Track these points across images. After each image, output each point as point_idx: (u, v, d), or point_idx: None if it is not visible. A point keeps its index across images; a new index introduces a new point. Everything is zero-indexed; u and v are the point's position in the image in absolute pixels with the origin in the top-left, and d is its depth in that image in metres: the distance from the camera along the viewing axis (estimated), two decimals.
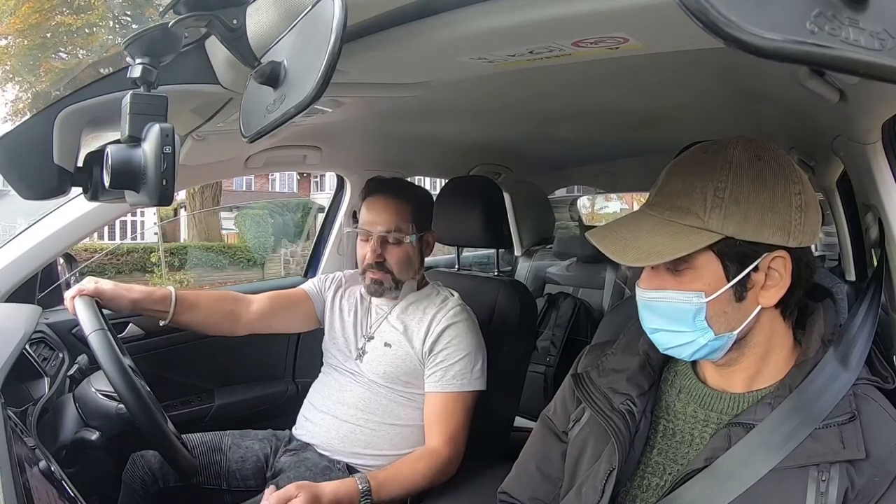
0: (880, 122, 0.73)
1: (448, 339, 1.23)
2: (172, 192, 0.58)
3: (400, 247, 1.26)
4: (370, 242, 1.25)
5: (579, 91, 1.07)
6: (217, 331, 1.30)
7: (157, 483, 1.18)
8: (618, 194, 8.58)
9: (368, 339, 1.30)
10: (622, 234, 0.66)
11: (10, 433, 0.67)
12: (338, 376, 1.31)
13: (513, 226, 2.31)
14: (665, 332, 0.67)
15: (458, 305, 1.28)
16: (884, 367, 0.67)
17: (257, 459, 1.28)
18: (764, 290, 0.64)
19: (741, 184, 0.62)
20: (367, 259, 1.26)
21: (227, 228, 10.20)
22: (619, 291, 2.25)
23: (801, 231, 0.63)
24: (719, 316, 0.64)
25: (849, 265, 1.23)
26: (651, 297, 0.67)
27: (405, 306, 1.30)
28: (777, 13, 0.29)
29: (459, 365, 1.22)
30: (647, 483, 0.70)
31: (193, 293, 1.29)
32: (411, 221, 1.27)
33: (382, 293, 1.28)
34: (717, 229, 0.62)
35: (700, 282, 0.64)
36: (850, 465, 0.60)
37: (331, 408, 1.27)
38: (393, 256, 1.26)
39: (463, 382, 1.21)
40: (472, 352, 1.23)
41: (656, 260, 0.63)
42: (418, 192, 1.33)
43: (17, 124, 0.77)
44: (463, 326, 1.24)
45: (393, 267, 1.26)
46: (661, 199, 0.67)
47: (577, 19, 0.51)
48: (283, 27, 0.56)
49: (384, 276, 1.26)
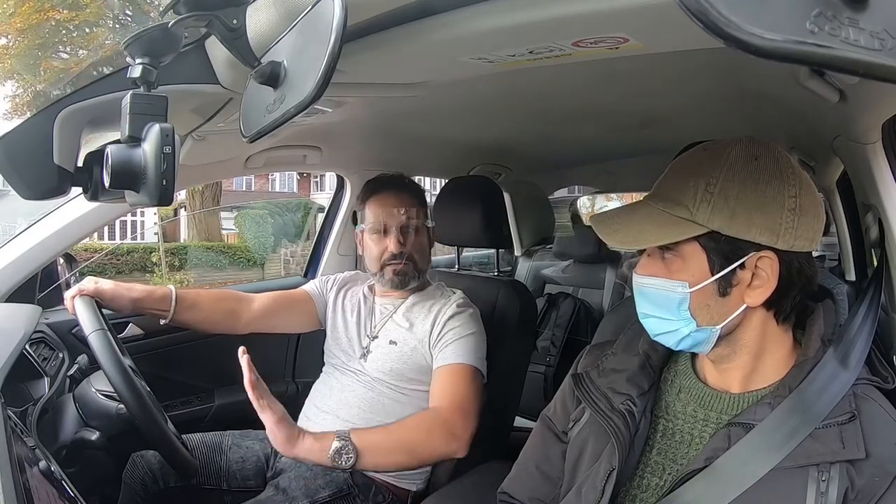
0: (880, 122, 0.73)
1: (455, 323, 1.24)
2: (172, 192, 0.58)
3: (419, 234, 1.30)
4: (389, 235, 1.28)
5: (579, 91, 1.07)
6: (218, 329, 1.30)
7: (157, 483, 1.18)
8: (618, 194, 8.56)
9: (373, 339, 1.30)
10: (618, 220, 0.70)
11: (10, 433, 0.67)
12: (340, 376, 1.31)
13: (513, 226, 2.31)
14: (654, 319, 0.69)
15: (461, 299, 1.30)
16: (884, 367, 0.67)
17: (258, 459, 1.28)
18: (749, 288, 0.65)
19: (732, 181, 0.63)
20: (389, 250, 1.27)
21: (227, 228, 10.20)
22: (619, 291, 2.25)
23: (792, 234, 0.63)
24: (702, 308, 0.66)
25: (849, 265, 1.23)
26: (644, 282, 0.69)
27: (410, 305, 1.31)
28: (777, 13, 0.29)
29: (467, 341, 1.22)
30: (647, 483, 0.71)
31: (194, 292, 1.30)
32: (422, 210, 1.32)
33: (407, 283, 1.30)
34: (703, 222, 0.63)
35: (686, 272, 0.66)
36: (850, 464, 0.60)
37: (333, 407, 1.27)
38: (415, 245, 1.30)
39: (470, 357, 1.21)
40: (478, 334, 1.24)
41: (640, 245, 0.68)
42: (419, 187, 1.38)
43: (18, 124, 0.77)
44: (468, 314, 1.26)
45: (416, 255, 1.29)
46: (657, 190, 0.69)
47: (577, 19, 0.51)
48: (283, 27, 0.56)
49: (407, 266, 1.28)
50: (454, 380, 1.19)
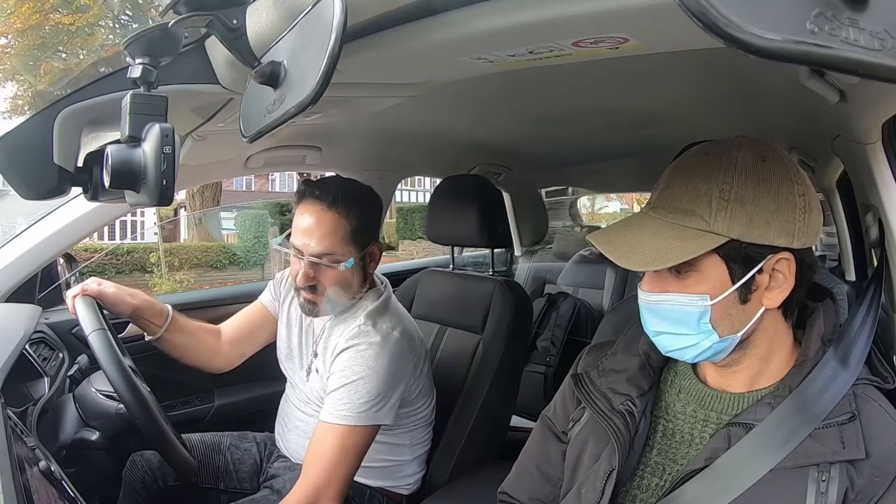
0: (880, 122, 0.73)
1: (340, 364, 1.07)
2: (172, 192, 0.58)
3: (335, 270, 1.08)
4: (301, 262, 1.08)
5: (579, 91, 1.07)
6: (195, 361, 1.25)
7: (156, 482, 1.18)
8: (618, 194, 8.57)
9: (314, 356, 1.18)
10: (626, 238, 0.65)
11: (10, 433, 0.67)
12: (290, 388, 1.27)
13: (513, 226, 2.31)
14: (668, 335, 0.67)
15: (365, 326, 1.09)
16: (884, 367, 0.67)
17: (254, 462, 1.28)
18: (768, 291, 0.64)
19: (746, 186, 0.61)
20: (297, 281, 1.09)
21: (226, 228, 10.20)
22: (619, 291, 2.25)
23: (804, 232, 0.63)
24: (724, 318, 0.64)
25: (849, 265, 1.23)
26: (655, 300, 0.66)
27: (331, 328, 1.16)
28: (777, 13, 0.29)
29: (348, 391, 1.04)
30: (647, 483, 0.70)
31: (186, 318, 1.25)
32: (349, 243, 1.08)
33: (317, 314, 1.13)
34: (722, 232, 0.61)
35: (705, 284, 0.63)
36: (850, 464, 0.60)
37: (293, 421, 1.24)
38: (328, 280, 1.09)
39: (348, 410, 1.03)
40: (361, 380, 1.04)
41: (663, 264, 0.62)
42: (360, 199, 1.11)
43: (18, 124, 0.77)
44: (359, 351, 1.07)
45: (328, 290, 1.09)
46: (664, 201, 0.66)
47: (577, 19, 0.51)
48: (283, 27, 0.56)
49: (318, 298, 1.10)
50: (322, 448, 1.02)
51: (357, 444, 1.04)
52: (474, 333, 1.40)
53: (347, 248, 1.08)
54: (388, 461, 1.21)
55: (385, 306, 1.16)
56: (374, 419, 1.05)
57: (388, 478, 1.22)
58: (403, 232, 11.55)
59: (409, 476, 1.24)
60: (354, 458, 1.04)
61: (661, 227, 0.64)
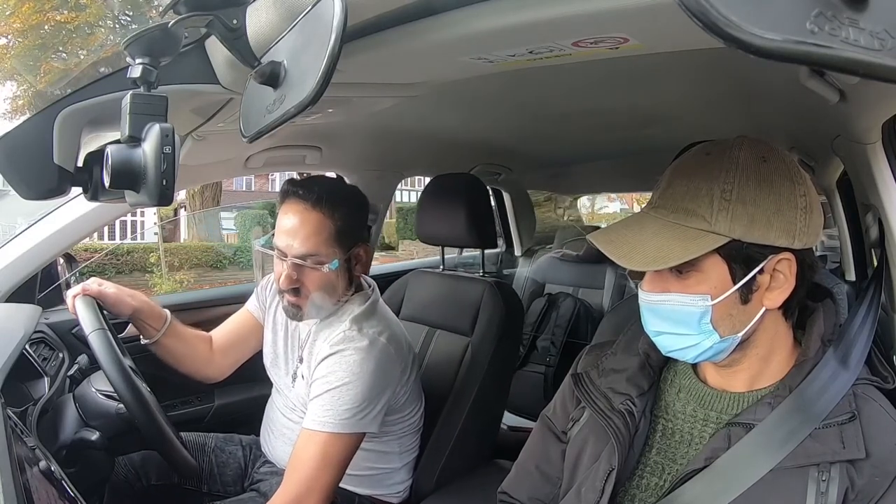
0: (880, 122, 0.73)
1: (324, 370, 1.04)
2: (172, 192, 0.58)
3: (319, 272, 1.05)
4: (285, 264, 1.05)
5: (579, 91, 1.07)
6: (188, 368, 1.23)
7: (140, 481, 1.18)
8: (618, 194, 8.57)
9: (300, 362, 1.16)
10: (627, 238, 0.65)
11: (10, 433, 0.67)
12: (276, 394, 1.25)
13: (513, 226, 2.31)
14: (669, 336, 0.67)
15: (350, 331, 1.06)
16: (884, 367, 0.67)
17: (238, 466, 1.26)
18: (769, 291, 0.64)
19: (747, 186, 0.62)
20: (280, 283, 1.06)
21: (226, 228, 10.20)
22: (619, 291, 2.25)
23: (805, 233, 0.63)
24: (724, 318, 0.64)
25: (849, 265, 1.23)
26: (655, 300, 0.66)
27: (316, 332, 1.14)
28: (777, 13, 0.29)
29: (332, 396, 1.02)
30: (647, 483, 0.70)
31: (183, 326, 1.24)
32: (334, 244, 1.05)
33: (301, 318, 1.10)
34: (724, 232, 0.61)
35: (705, 284, 0.63)
36: (850, 464, 0.60)
37: (268, 426, 1.23)
38: (312, 282, 1.06)
39: (332, 418, 1.01)
40: (345, 386, 1.02)
41: (665, 264, 0.62)
42: (346, 199, 1.08)
43: (18, 124, 0.77)
44: (345, 356, 1.04)
45: (312, 293, 1.06)
46: (665, 201, 0.66)
47: (577, 19, 0.51)
48: (283, 27, 0.56)
49: (302, 302, 1.07)
50: (304, 455, 1.00)
51: (340, 453, 1.02)
52: (464, 336, 1.38)
53: (332, 249, 1.05)
54: (376, 469, 1.19)
55: (372, 310, 1.13)
56: (357, 427, 1.03)
57: (376, 486, 1.20)
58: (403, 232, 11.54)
59: (398, 483, 1.23)
60: (338, 467, 1.02)
61: (662, 226, 0.64)
